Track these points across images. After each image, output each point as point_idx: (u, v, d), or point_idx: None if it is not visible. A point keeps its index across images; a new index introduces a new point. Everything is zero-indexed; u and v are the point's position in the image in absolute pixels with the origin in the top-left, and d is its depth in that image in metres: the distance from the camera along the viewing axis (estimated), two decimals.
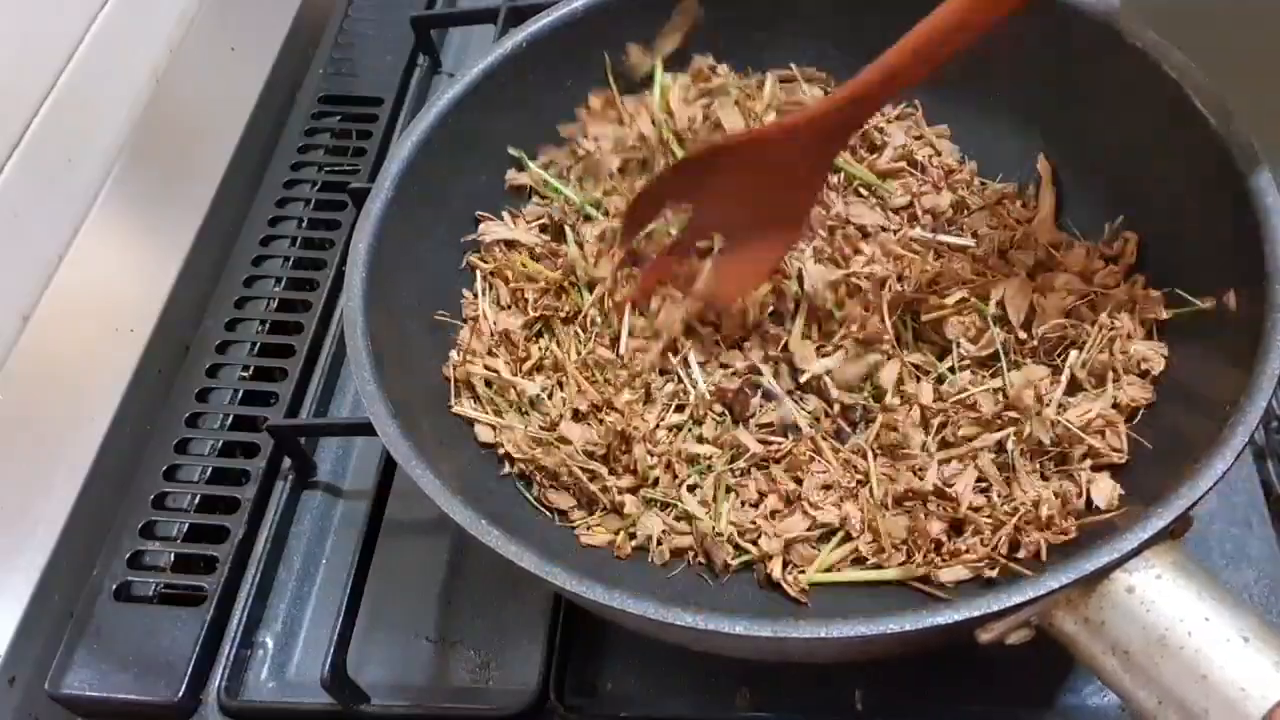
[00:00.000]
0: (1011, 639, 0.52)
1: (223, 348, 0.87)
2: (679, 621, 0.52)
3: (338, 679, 0.66)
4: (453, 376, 0.71)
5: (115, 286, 0.89)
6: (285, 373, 0.85)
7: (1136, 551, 0.51)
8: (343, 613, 0.67)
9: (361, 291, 0.65)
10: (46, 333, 0.83)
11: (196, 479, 0.80)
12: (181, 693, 0.70)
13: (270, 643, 0.74)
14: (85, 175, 0.89)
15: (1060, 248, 0.71)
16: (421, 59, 1.06)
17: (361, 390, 0.61)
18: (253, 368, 0.86)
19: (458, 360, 0.72)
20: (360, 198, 0.73)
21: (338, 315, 0.87)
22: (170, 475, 0.80)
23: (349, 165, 0.97)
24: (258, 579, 0.74)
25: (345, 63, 1.06)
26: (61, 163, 0.87)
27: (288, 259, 0.92)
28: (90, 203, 0.89)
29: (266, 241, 0.93)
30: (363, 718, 0.68)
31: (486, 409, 0.70)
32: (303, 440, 0.81)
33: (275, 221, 0.94)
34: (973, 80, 0.76)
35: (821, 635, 0.51)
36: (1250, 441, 0.54)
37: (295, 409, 0.83)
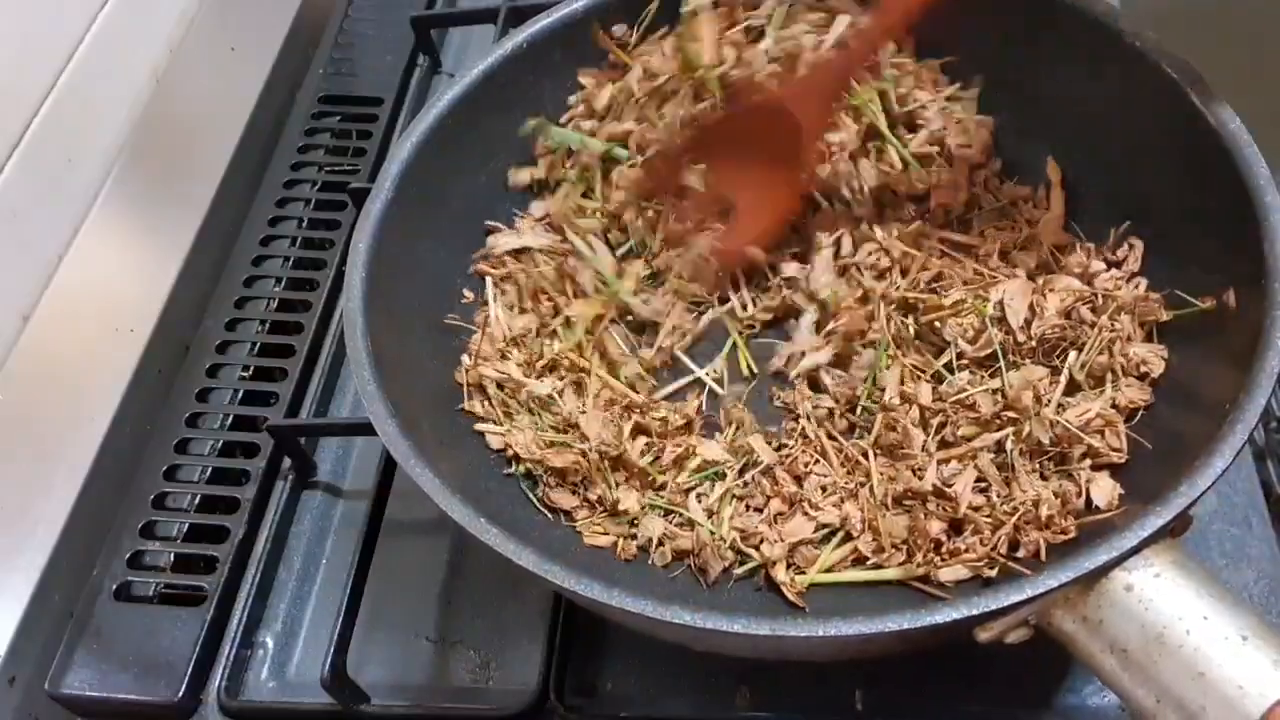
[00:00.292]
0: (1010, 638, 0.52)
1: (223, 348, 0.87)
2: (677, 620, 0.52)
3: (338, 679, 0.66)
4: (465, 381, 0.71)
5: (115, 286, 0.89)
6: (285, 373, 0.85)
7: (1135, 550, 0.51)
8: (343, 613, 0.67)
9: (361, 291, 0.65)
10: (46, 333, 0.83)
11: (196, 479, 0.80)
12: (181, 693, 0.70)
13: (270, 643, 0.74)
14: (85, 175, 0.89)
15: (1065, 250, 0.71)
16: (421, 59, 1.06)
17: (361, 390, 0.61)
18: (253, 368, 0.86)
19: (469, 364, 0.72)
20: (360, 198, 0.73)
21: (338, 315, 0.87)
22: (170, 475, 0.80)
23: (349, 165, 0.97)
24: (258, 579, 0.75)
25: (345, 63, 1.06)
26: (61, 163, 0.87)
27: (288, 259, 0.92)
28: (90, 203, 0.89)
29: (266, 241, 0.93)
30: (363, 718, 0.68)
31: (497, 410, 0.70)
32: (303, 440, 0.81)
33: (275, 221, 0.94)
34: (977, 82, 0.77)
35: (820, 634, 0.51)
36: (1250, 441, 0.54)
37: (295, 409, 0.83)
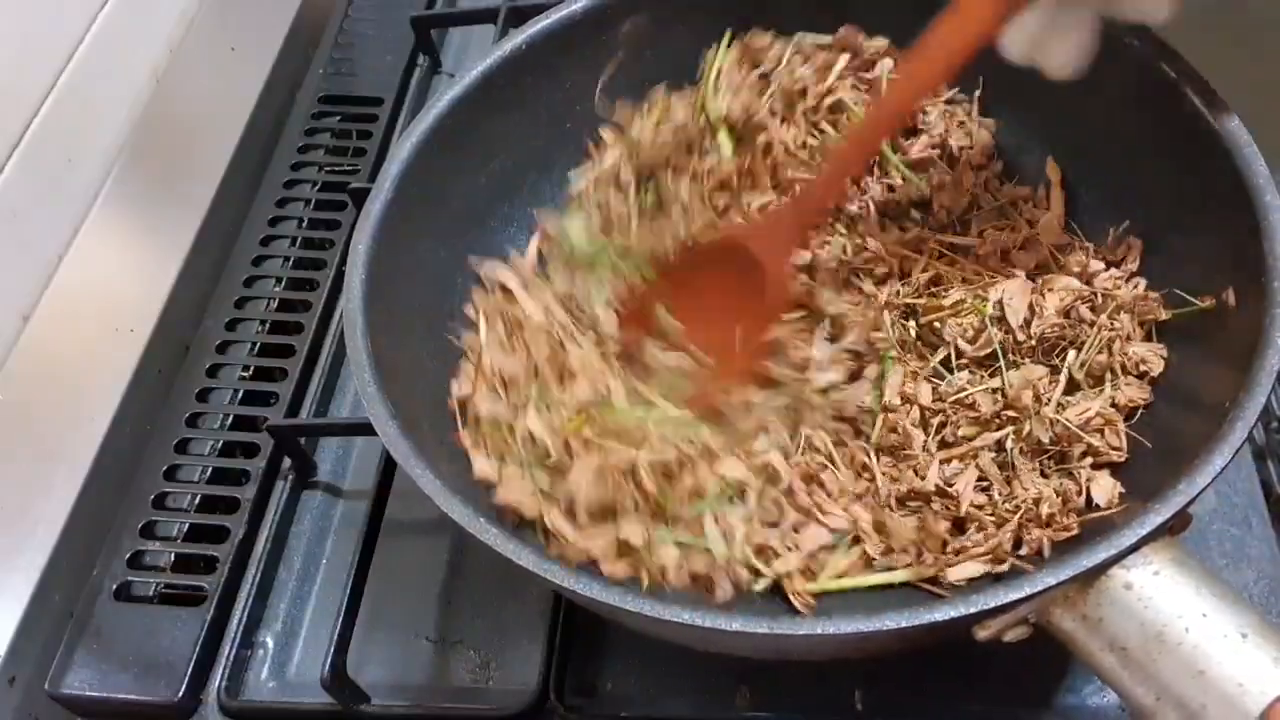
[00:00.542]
0: (1009, 636, 0.52)
1: (223, 348, 0.87)
2: (677, 619, 0.52)
3: (338, 679, 0.66)
4: (456, 409, 0.69)
5: (115, 286, 0.89)
6: (285, 373, 0.85)
7: (1134, 548, 0.51)
8: (343, 613, 0.67)
9: (361, 291, 0.65)
10: (46, 333, 0.83)
11: (196, 479, 0.80)
12: (181, 693, 0.70)
13: (270, 643, 0.74)
14: (85, 175, 0.89)
15: (1064, 250, 0.71)
16: (421, 59, 1.06)
17: (361, 390, 0.61)
18: (253, 368, 0.86)
19: (460, 393, 0.69)
20: (360, 198, 0.73)
21: (338, 315, 0.87)
22: (170, 475, 0.80)
23: (349, 165, 0.97)
24: (258, 579, 0.75)
25: (345, 63, 1.06)
26: (61, 163, 0.87)
27: (288, 259, 0.92)
28: (90, 203, 0.89)
29: (266, 241, 0.93)
30: (363, 718, 0.68)
31: (488, 445, 0.67)
32: (303, 440, 0.81)
33: (275, 221, 0.94)
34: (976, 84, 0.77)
35: (819, 632, 0.51)
36: (1250, 441, 0.54)
37: (295, 409, 0.83)
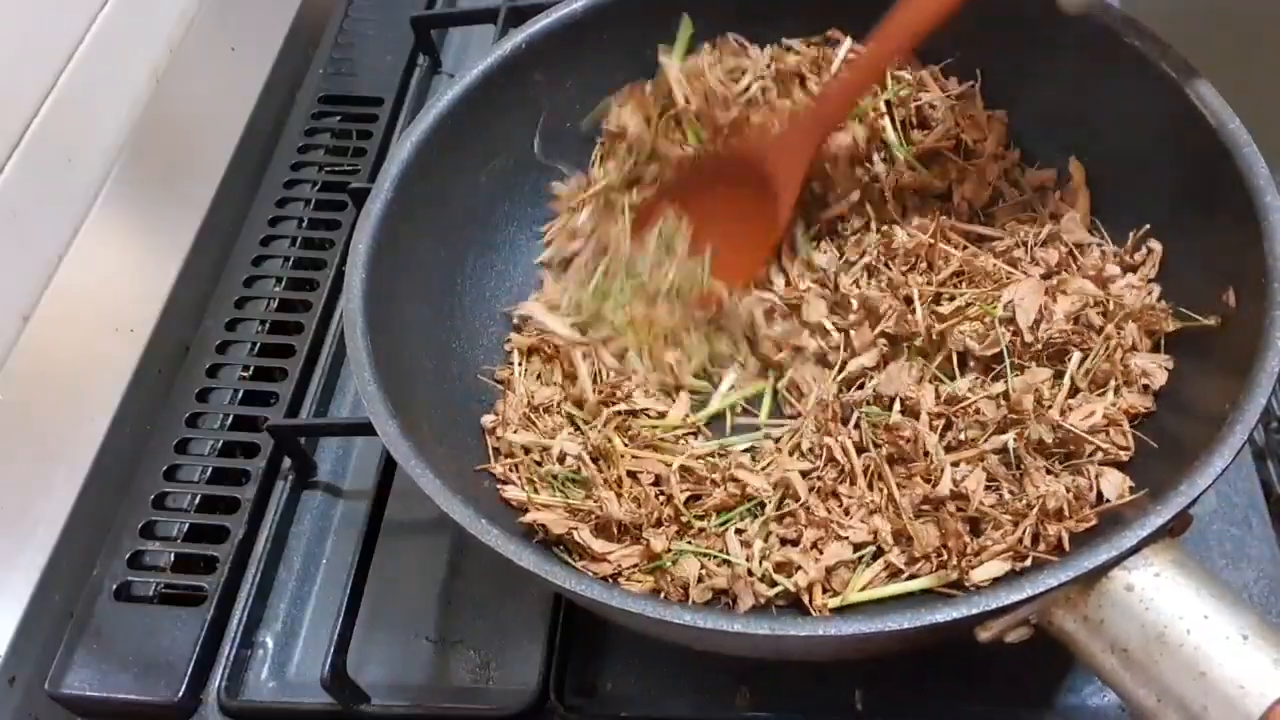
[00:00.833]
0: (1011, 637, 0.52)
1: (223, 348, 0.87)
2: (677, 620, 0.52)
3: (338, 679, 0.66)
4: (489, 444, 0.71)
5: (115, 286, 0.89)
6: (285, 373, 0.85)
7: (1135, 549, 0.51)
8: (343, 613, 0.67)
9: (361, 291, 0.65)
10: (46, 333, 0.83)
11: (196, 479, 0.80)
12: (181, 693, 0.70)
13: (270, 643, 0.74)
14: (85, 175, 0.89)
15: (1084, 249, 0.71)
16: (421, 59, 1.06)
17: (361, 390, 0.61)
18: (253, 368, 0.86)
19: (493, 425, 0.71)
20: (360, 198, 0.73)
21: (338, 315, 0.87)
22: (170, 475, 0.80)
23: (349, 165, 0.97)
24: (258, 579, 0.74)
25: (345, 63, 1.06)
26: (61, 163, 0.87)
27: (288, 259, 0.92)
28: (90, 203, 0.89)
29: (266, 241, 0.93)
30: (363, 718, 0.68)
31: (522, 476, 0.68)
32: (303, 440, 0.81)
33: (275, 221, 0.94)
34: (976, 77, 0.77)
35: (819, 633, 0.51)
36: (1250, 441, 0.54)
37: (295, 409, 0.83)
